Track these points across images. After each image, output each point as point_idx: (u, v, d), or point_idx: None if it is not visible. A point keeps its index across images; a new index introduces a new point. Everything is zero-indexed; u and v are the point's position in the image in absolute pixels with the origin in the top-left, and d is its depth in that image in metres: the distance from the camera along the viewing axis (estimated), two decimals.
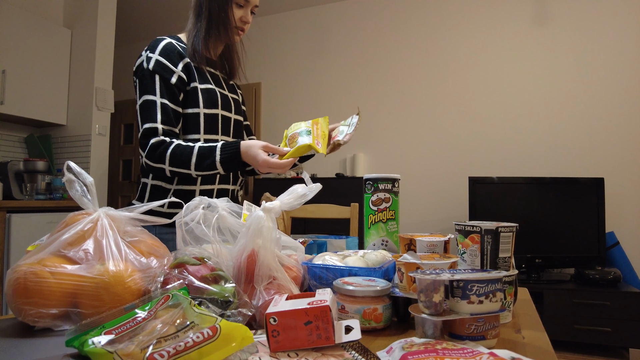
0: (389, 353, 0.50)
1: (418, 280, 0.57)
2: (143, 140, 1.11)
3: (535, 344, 0.60)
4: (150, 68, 1.13)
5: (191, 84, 1.18)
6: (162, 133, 1.11)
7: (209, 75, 1.25)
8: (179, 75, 1.15)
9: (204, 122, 1.20)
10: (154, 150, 1.09)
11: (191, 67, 1.19)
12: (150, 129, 1.10)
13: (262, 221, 0.69)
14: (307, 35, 4.31)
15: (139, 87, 1.14)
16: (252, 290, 0.65)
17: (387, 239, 0.98)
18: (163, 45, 1.16)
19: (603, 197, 2.86)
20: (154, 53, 1.14)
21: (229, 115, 1.28)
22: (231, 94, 1.32)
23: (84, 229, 0.66)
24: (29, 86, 3.10)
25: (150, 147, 1.09)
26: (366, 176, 1.02)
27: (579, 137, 3.23)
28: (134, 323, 0.50)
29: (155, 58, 1.14)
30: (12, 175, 2.98)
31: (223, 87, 1.29)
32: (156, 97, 1.12)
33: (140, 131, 1.12)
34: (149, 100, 1.12)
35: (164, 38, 1.18)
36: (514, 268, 0.74)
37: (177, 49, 1.17)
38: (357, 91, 4.05)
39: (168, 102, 1.13)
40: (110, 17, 3.51)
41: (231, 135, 1.30)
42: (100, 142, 3.42)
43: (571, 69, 3.29)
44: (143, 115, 1.12)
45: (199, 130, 1.19)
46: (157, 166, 1.10)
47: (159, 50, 1.15)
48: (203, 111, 1.19)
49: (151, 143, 1.09)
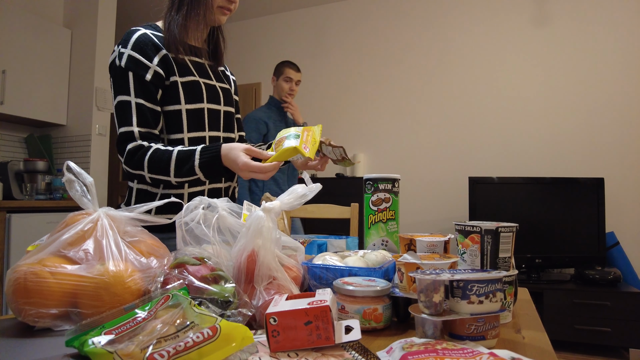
0: (389, 353, 0.50)
1: (418, 280, 0.57)
2: (120, 146, 1.03)
3: (535, 344, 0.60)
4: (122, 65, 1.03)
5: (170, 78, 1.08)
6: (139, 137, 1.03)
7: (192, 65, 1.14)
8: (155, 71, 1.05)
9: (187, 119, 1.10)
10: (132, 157, 1.02)
11: (169, 60, 1.08)
12: (126, 133, 1.03)
13: (262, 221, 0.69)
14: (307, 35, 4.31)
15: (113, 87, 1.06)
16: (252, 290, 0.65)
17: (387, 239, 0.97)
18: (136, 38, 1.05)
19: (603, 197, 2.86)
20: (126, 48, 1.04)
21: (217, 107, 1.17)
22: (219, 84, 1.21)
23: (84, 229, 0.66)
24: (29, 86, 3.10)
25: (127, 153, 1.02)
26: (366, 176, 1.02)
27: (579, 137, 3.23)
28: (134, 323, 0.50)
29: (127, 53, 1.03)
30: (12, 175, 2.98)
31: (209, 76, 1.18)
32: (130, 97, 1.03)
33: (117, 136, 1.04)
34: (124, 101, 1.03)
35: (138, 29, 1.07)
36: (514, 268, 0.74)
37: (151, 41, 1.06)
38: (356, 91, 4.05)
39: (144, 102, 1.04)
40: (110, 17, 3.51)
41: (221, 129, 1.19)
42: (100, 142, 3.42)
43: (571, 68, 3.29)
44: (118, 118, 1.04)
45: (182, 128, 1.10)
46: (136, 173, 1.03)
47: (131, 44, 1.04)
48: (185, 107, 1.09)
49: (128, 149, 1.02)
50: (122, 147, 1.03)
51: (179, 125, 1.09)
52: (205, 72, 1.18)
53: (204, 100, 1.13)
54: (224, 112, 1.20)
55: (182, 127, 1.10)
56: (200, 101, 1.12)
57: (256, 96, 4.53)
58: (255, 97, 4.53)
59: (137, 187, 1.12)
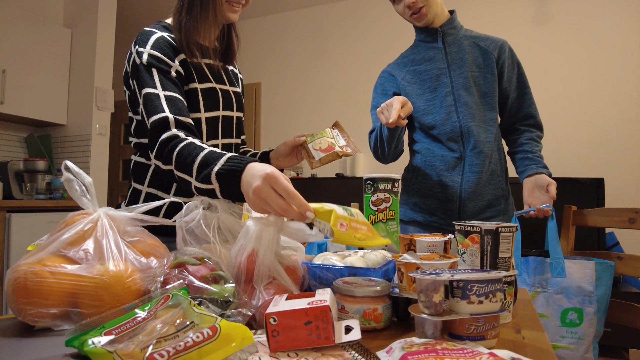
0: (388, 353, 0.50)
1: (418, 280, 0.57)
2: (152, 139, 0.90)
3: (535, 344, 0.60)
4: (144, 62, 0.95)
5: (190, 84, 1.02)
6: (174, 124, 0.89)
7: (207, 69, 1.08)
8: (177, 70, 0.99)
9: (206, 127, 1.05)
10: (164, 148, 0.87)
11: (187, 65, 1.02)
12: (159, 120, 0.89)
13: (262, 222, 0.69)
14: (307, 35, 4.31)
15: (137, 84, 0.96)
16: (252, 290, 0.65)
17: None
18: (155, 39, 0.99)
19: (603, 197, 2.86)
20: (145, 47, 0.97)
21: (230, 114, 1.14)
22: (232, 88, 1.16)
23: (84, 229, 0.66)
24: (29, 86, 3.10)
25: (160, 144, 0.88)
26: (366, 176, 1.02)
27: (579, 137, 3.23)
28: (134, 323, 0.50)
29: (147, 52, 0.96)
30: (12, 175, 2.98)
31: (223, 81, 1.13)
32: (158, 90, 0.93)
33: (149, 129, 0.91)
34: (151, 93, 0.92)
35: (154, 31, 1.01)
36: (514, 268, 0.74)
37: (170, 43, 1.01)
38: (357, 91, 4.05)
39: (172, 94, 0.94)
40: (110, 17, 3.51)
41: (234, 136, 1.16)
42: (100, 142, 3.42)
43: (571, 68, 3.29)
44: (147, 110, 0.92)
45: (201, 137, 1.04)
46: (167, 169, 0.87)
47: (150, 44, 0.97)
48: (205, 115, 1.04)
49: (161, 139, 0.87)
50: (156, 139, 0.89)
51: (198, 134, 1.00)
52: (220, 76, 1.13)
53: (219, 108, 1.09)
54: (236, 118, 1.17)
55: (202, 136, 1.04)
56: (217, 109, 1.08)
57: (256, 96, 4.52)
58: (255, 97, 4.53)
59: (146, 190, 1.04)
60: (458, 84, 1.37)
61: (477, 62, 1.39)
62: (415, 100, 1.40)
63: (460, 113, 1.36)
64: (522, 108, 1.45)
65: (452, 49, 1.41)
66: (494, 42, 1.42)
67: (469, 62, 1.39)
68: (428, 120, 1.40)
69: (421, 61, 1.44)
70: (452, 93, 1.37)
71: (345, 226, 0.69)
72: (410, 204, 1.46)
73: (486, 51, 1.40)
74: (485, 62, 1.39)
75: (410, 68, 1.45)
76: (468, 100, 1.36)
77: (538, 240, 2.90)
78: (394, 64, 1.52)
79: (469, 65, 1.38)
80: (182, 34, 1.01)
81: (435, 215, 1.41)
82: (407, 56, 1.50)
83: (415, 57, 1.46)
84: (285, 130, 4.39)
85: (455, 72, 1.38)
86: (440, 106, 1.38)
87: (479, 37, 1.43)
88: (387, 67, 1.53)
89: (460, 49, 1.40)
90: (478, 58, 1.40)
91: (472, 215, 1.40)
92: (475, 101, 1.37)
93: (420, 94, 1.41)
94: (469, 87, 1.37)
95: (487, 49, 1.41)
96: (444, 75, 1.38)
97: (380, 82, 1.52)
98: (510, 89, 1.43)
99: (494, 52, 1.40)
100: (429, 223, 1.43)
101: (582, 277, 1.26)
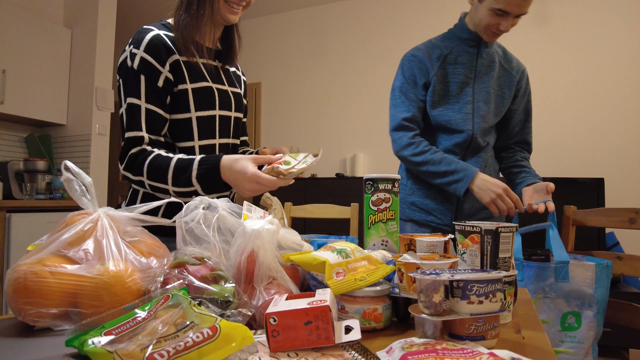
0: (388, 353, 0.50)
1: (418, 280, 0.57)
2: (124, 150, 1.00)
3: (535, 344, 0.60)
4: (135, 67, 1.00)
5: (179, 85, 1.04)
6: (148, 142, 1.00)
7: (205, 69, 1.10)
8: (166, 77, 1.02)
9: (198, 126, 1.07)
10: (134, 161, 0.99)
11: (180, 65, 1.04)
12: (136, 137, 0.99)
13: (261, 222, 0.69)
14: (307, 35, 4.31)
15: (123, 88, 1.02)
16: (252, 290, 0.65)
17: (387, 239, 0.97)
18: (149, 40, 1.01)
19: (603, 197, 2.86)
20: (138, 49, 1.00)
21: (228, 114, 1.15)
22: (232, 88, 1.17)
23: (84, 229, 0.66)
24: (29, 86, 3.10)
25: (129, 157, 0.99)
26: (366, 176, 1.02)
27: (579, 137, 3.23)
28: (134, 323, 0.50)
29: (140, 55, 1.00)
30: (12, 175, 2.98)
31: (222, 81, 1.15)
32: (141, 102, 1.00)
33: (123, 140, 1.00)
34: (134, 104, 1.00)
35: (151, 29, 1.03)
36: (514, 268, 0.74)
37: (164, 44, 1.02)
38: (357, 91, 4.05)
39: (154, 108, 1.01)
40: (110, 17, 3.51)
41: (231, 136, 1.18)
42: (100, 141, 3.43)
43: (571, 68, 3.29)
44: (127, 122, 1.00)
45: (193, 136, 1.07)
46: (137, 179, 1.00)
47: (144, 45, 1.00)
48: (196, 114, 1.07)
49: (131, 153, 0.99)
50: (126, 152, 1.00)
51: (189, 134, 1.07)
52: (218, 76, 1.14)
53: (216, 107, 1.10)
54: (234, 119, 1.18)
55: (193, 135, 1.07)
56: (212, 108, 1.10)
57: (256, 96, 4.53)
58: (255, 97, 4.53)
59: (143, 190, 1.08)
60: (480, 96, 1.43)
61: (500, 81, 1.46)
62: (438, 100, 1.44)
63: (476, 124, 1.42)
64: (522, 133, 1.57)
65: (483, 61, 1.44)
66: (518, 66, 1.51)
67: (493, 78, 1.45)
68: (442, 121, 1.43)
69: (453, 62, 1.43)
70: (472, 102, 1.42)
71: (343, 273, 0.67)
72: (408, 203, 1.50)
73: (509, 73, 1.48)
74: (507, 82, 1.47)
75: (444, 65, 1.43)
76: (485, 113, 1.43)
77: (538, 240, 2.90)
78: (425, 50, 1.47)
79: (492, 82, 1.44)
80: (180, 33, 1.04)
81: (433, 215, 1.45)
82: (439, 47, 1.46)
83: (449, 54, 1.44)
84: (285, 130, 4.39)
85: (479, 85, 1.43)
86: (458, 112, 1.42)
87: (506, 57, 1.51)
88: (417, 51, 1.48)
89: (489, 63, 1.45)
90: (501, 77, 1.47)
91: (469, 216, 1.44)
92: (489, 114, 1.45)
93: (443, 95, 1.44)
94: (488, 102, 1.44)
95: (510, 71, 1.48)
96: (468, 85, 1.43)
97: (409, 66, 1.46)
98: (516, 113, 1.53)
99: (516, 76, 1.49)
100: (426, 222, 1.47)
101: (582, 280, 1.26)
